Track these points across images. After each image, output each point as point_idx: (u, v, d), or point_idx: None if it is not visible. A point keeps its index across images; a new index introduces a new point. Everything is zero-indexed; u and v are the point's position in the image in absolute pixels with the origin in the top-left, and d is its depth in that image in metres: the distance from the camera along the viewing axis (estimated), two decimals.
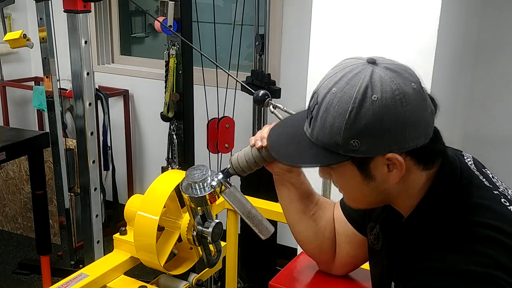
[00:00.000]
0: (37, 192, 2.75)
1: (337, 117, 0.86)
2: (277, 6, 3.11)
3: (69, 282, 1.30)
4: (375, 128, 0.85)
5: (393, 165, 0.89)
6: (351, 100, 0.85)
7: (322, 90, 0.89)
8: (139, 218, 1.34)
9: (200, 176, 1.14)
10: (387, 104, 0.84)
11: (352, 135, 0.85)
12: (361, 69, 0.87)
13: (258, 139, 1.10)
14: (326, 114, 0.87)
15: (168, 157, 2.79)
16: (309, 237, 1.24)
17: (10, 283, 3.15)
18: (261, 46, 2.76)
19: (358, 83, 0.85)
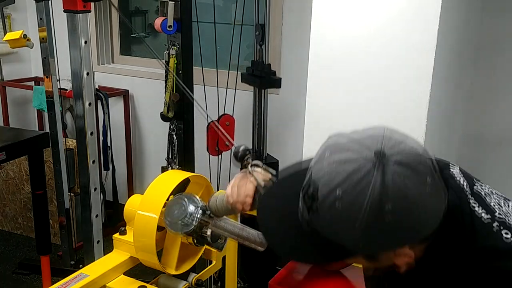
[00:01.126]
0: (37, 192, 2.75)
1: (344, 228, 0.77)
2: (277, 6, 3.11)
3: (69, 282, 1.30)
4: (387, 241, 0.79)
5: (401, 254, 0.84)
6: (361, 210, 0.75)
7: (323, 186, 0.78)
8: (138, 218, 1.34)
9: (179, 213, 1.17)
10: (402, 214, 0.76)
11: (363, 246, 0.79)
12: (369, 168, 0.76)
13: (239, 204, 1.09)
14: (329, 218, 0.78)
15: (168, 157, 2.79)
16: None
17: (10, 283, 3.15)
18: (261, 36, 2.74)
19: (368, 189, 0.75)
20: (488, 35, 2.64)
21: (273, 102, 2.89)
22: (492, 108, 2.72)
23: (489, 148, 2.74)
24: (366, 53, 1.87)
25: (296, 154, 2.30)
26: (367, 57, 1.86)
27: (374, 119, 1.83)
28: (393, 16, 1.85)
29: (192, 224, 1.17)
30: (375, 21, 1.88)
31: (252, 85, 2.77)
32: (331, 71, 1.99)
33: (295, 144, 2.88)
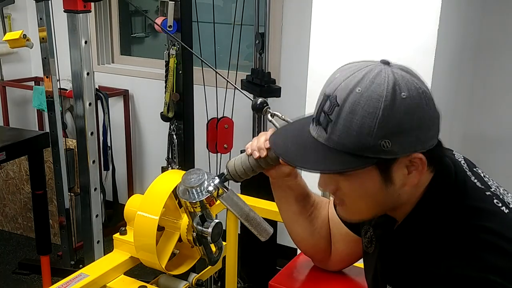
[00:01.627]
0: (37, 192, 2.75)
1: (366, 116, 0.81)
2: (277, 5, 3.11)
3: (69, 282, 1.30)
4: (406, 126, 0.82)
5: (414, 166, 0.87)
6: (381, 98, 0.81)
7: (341, 91, 0.84)
8: (139, 218, 1.34)
9: (196, 181, 1.14)
10: (415, 102, 0.83)
11: (384, 134, 0.82)
12: (381, 68, 0.85)
13: (256, 150, 1.08)
14: (352, 116, 0.82)
15: (168, 157, 2.79)
16: (306, 237, 1.24)
17: (10, 283, 3.15)
18: (261, 45, 2.75)
19: (385, 81, 0.82)
20: (488, 35, 2.64)
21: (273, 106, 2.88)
22: (492, 108, 2.72)
23: (489, 148, 2.74)
24: (366, 54, 1.87)
25: None
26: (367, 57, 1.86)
27: None
28: (393, 17, 1.85)
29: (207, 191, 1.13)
30: (375, 22, 1.88)
31: (252, 93, 2.78)
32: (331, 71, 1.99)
33: None
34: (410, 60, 1.79)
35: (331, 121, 0.85)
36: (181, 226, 1.40)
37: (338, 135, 0.84)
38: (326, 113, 0.86)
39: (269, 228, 1.16)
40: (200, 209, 1.28)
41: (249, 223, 1.14)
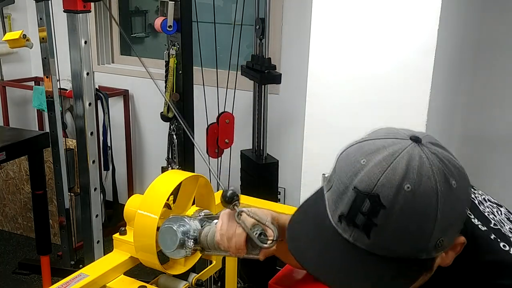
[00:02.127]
0: (37, 192, 2.75)
1: (424, 219, 0.71)
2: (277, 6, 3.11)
3: (68, 282, 1.30)
4: (455, 218, 0.74)
5: (453, 248, 0.79)
6: (436, 194, 0.71)
7: (385, 190, 0.70)
8: (138, 218, 1.34)
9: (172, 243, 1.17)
10: (464, 186, 0.75)
11: (441, 233, 0.72)
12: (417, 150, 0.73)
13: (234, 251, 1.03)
14: (406, 219, 0.70)
15: (168, 157, 2.79)
16: None
17: (10, 283, 3.15)
18: (261, 30, 2.73)
19: (432, 171, 0.71)
20: (488, 35, 2.64)
21: (273, 102, 2.89)
22: (492, 108, 2.72)
23: (490, 148, 2.74)
24: (366, 54, 1.87)
25: (296, 154, 2.30)
26: (367, 57, 1.86)
27: (374, 119, 1.83)
28: (393, 16, 1.85)
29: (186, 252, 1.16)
30: (375, 21, 1.88)
31: (252, 80, 2.76)
32: (331, 72, 1.99)
33: (295, 144, 2.89)
34: (410, 60, 1.80)
35: (375, 225, 0.71)
36: None
37: (386, 242, 0.72)
38: (366, 214, 0.72)
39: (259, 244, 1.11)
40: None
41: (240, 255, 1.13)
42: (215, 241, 1.09)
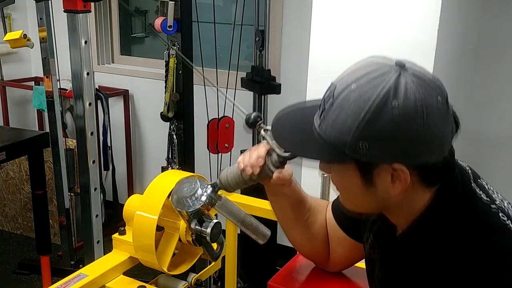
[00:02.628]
0: (37, 192, 2.75)
1: (350, 115, 0.81)
2: (277, 2, 3.11)
3: (68, 282, 1.30)
4: (388, 135, 0.80)
5: (397, 177, 0.84)
6: (369, 101, 0.79)
7: (340, 84, 0.84)
8: (138, 218, 1.34)
9: (189, 191, 1.15)
10: (407, 114, 0.79)
11: (363, 136, 0.80)
12: (387, 70, 0.82)
13: (248, 166, 1.08)
14: (339, 110, 0.82)
15: (168, 157, 2.79)
16: (303, 242, 1.25)
17: (10, 283, 3.15)
18: (261, 42, 2.75)
19: (381, 85, 0.80)
20: (488, 34, 2.64)
21: (273, 103, 2.89)
22: (492, 107, 2.72)
23: (489, 147, 2.74)
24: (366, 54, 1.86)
25: None
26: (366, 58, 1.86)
27: None
28: (392, 17, 1.85)
29: (200, 201, 1.14)
30: (375, 22, 1.88)
31: (252, 91, 2.78)
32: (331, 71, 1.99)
33: None
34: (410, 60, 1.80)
35: (324, 110, 0.86)
36: (180, 227, 1.40)
37: (325, 125, 0.85)
38: (324, 100, 0.87)
39: (266, 231, 1.16)
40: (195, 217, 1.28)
41: (246, 228, 1.15)
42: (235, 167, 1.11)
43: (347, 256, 1.24)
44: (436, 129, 0.81)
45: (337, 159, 0.86)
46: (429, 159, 0.83)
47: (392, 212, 0.95)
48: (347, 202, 0.98)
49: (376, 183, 0.86)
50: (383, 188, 0.86)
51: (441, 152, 0.84)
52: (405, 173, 0.83)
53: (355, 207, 0.97)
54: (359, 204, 0.95)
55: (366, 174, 0.86)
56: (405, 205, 0.90)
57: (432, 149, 0.83)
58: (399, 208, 0.91)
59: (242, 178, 1.11)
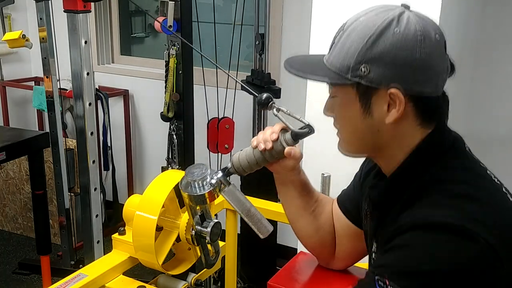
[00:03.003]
0: (37, 192, 2.75)
1: (356, 41, 0.90)
2: (277, 6, 3.11)
3: (68, 282, 1.30)
4: (388, 58, 0.88)
5: (393, 104, 0.91)
6: (374, 27, 0.89)
7: (350, 20, 0.94)
8: (137, 218, 1.34)
9: (199, 174, 1.14)
10: (406, 40, 0.88)
11: (365, 59, 0.89)
12: (393, 7, 0.92)
13: (261, 142, 1.11)
14: (346, 39, 0.92)
15: (168, 157, 2.79)
16: (310, 232, 1.25)
17: (10, 283, 3.15)
18: (261, 46, 2.76)
19: (386, 16, 0.89)
20: (488, 34, 2.64)
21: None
22: (492, 108, 2.72)
23: (489, 148, 2.74)
24: None
25: None
26: None
27: None
28: None
29: (210, 185, 1.13)
30: None
31: (252, 95, 2.78)
32: None
33: None
34: None
35: (334, 43, 0.95)
36: (179, 225, 1.40)
37: (333, 56, 0.94)
38: (334, 38, 0.96)
39: (269, 226, 1.16)
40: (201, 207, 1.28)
41: (250, 219, 1.15)
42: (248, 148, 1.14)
43: (352, 247, 1.24)
44: (432, 59, 0.90)
45: (339, 81, 0.93)
46: (423, 89, 0.91)
47: (383, 152, 0.98)
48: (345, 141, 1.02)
49: (373, 110, 0.93)
50: (378, 115, 0.93)
51: (436, 86, 0.92)
52: (400, 99, 0.90)
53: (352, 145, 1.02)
54: (356, 140, 1.00)
55: (365, 100, 0.93)
56: (396, 142, 0.96)
57: (427, 79, 0.90)
58: (390, 146, 0.96)
59: (254, 158, 1.12)
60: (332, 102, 1.01)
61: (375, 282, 0.86)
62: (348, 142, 1.02)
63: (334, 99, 0.99)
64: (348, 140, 1.02)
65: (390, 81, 0.89)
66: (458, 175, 0.92)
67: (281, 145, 1.11)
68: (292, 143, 1.11)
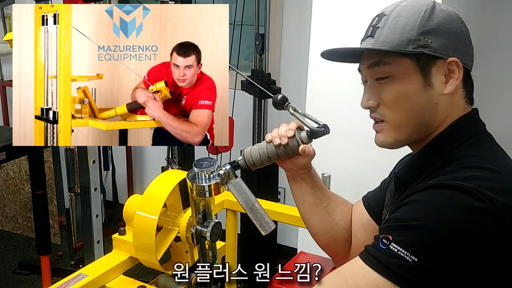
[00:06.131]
0: (37, 192, 2.75)
1: (411, 16, 0.95)
2: (277, 6, 3.11)
3: (68, 282, 1.30)
4: (445, 29, 0.95)
5: (451, 75, 0.96)
6: (424, 6, 0.95)
7: (389, 7, 0.99)
8: (138, 218, 1.34)
9: (208, 165, 1.15)
10: (452, 16, 0.97)
11: (426, 30, 0.94)
12: None
13: (277, 137, 1.12)
14: (397, 19, 0.96)
15: (168, 157, 2.79)
16: (324, 228, 1.23)
17: (10, 283, 3.15)
18: (261, 46, 2.76)
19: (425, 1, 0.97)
20: (488, 35, 2.64)
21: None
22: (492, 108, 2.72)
23: None
24: None
25: None
26: None
27: None
28: None
29: (218, 176, 1.14)
30: None
31: (252, 94, 2.78)
32: (331, 72, 1.99)
33: None
34: None
35: (378, 28, 0.98)
36: (180, 224, 1.40)
37: (384, 36, 0.96)
38: (374, 26, 0.99)
39: (271, 223, 1.16)
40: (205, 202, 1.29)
41: (253, 214, 1.14)
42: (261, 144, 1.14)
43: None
44: (469, 36, 1.00)
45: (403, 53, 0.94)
46: (470, 62, 1.00)
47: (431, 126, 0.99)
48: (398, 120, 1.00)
49: (434, 82, 0.96)
50: (438, 88, 0.96)
51: (472, 63, 1.01)
52: (460, 67, 0.96)
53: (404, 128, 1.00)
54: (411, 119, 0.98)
55: (426, 72, 0.95)
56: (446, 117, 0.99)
57: (471, 54, 1.00)
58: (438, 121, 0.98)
59: (267, 152, 1.13)
60: (379, 87, 1.00)
61: (379, 240, 0.86)
62: (400, 126, 1.00)
63: (385, 81, 0.98)
64: (401, 123, 1.00)
65: (451, 52, 0.95)
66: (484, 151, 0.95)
67: (296, 142, 1.11)
68: (307, 141, 1.12)
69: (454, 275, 0.82)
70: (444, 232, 0.81)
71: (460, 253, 0.81)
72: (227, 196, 1.75)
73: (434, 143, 0.99)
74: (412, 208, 0.86)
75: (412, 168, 1.02)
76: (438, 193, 0.85)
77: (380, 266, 0.84)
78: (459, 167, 0.90)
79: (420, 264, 0.81)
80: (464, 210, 0.82)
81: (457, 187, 0.84)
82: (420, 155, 1.01)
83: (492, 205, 0.82)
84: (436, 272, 0.82)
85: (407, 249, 0.82)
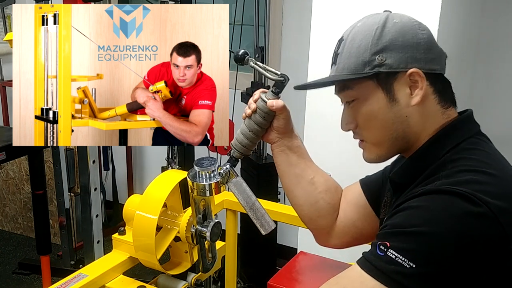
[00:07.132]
0: (37, 192, 2.75)
1: (363, 38, 0.97)
2: (277, 6, 3.11)
3: (68, 282, 1.30)
4: (398, 42, 0.95)
5: (415, 85, 0.95)
6: (375, 24, 0.97)
7: (347, 31, 1.01)
8: (138, 218, 1.34)
9: (208, 165, 1.15)
10: (406, 25, 0.97)
11: (378, 49, 0.95)
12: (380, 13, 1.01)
13: (251, 103, 1.14)
14: (352, 43, 0.98)
15: (168, 157, 2.79)
16: (309, 200, 1.20)
17: (10, 283, 3.15)
18: (261, 58, 2.76)
19: (380, 15, 0.99)
20: (488, 35, 2.64)
21: None
22: (492, 108, 2.72)
23: None
24: None
25: None
26: None
27: None
28: None
29: (218, 175, 1.15)
30: None
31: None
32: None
33: None
34: None
35: (338, 54, 1.00)
36: (180, 224, 1.40)
37: (342, 62, 0.99)
38: (336, 52, 1.02)
39: (271, 222, 1.16)
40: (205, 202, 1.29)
41: (254, 213, 1.14)
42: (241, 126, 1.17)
43: (358, 226, 1.21)
44: (432, 40, 0.98)
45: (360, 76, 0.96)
46: (434, 66, 0.98)
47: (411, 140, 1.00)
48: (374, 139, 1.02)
49: (398, 95, 0.97)
50: (404, 100, 0.97)
51: (441, 64, 1.00)
52: (421, 76, 0.95)
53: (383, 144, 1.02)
54: (386, 136, 1.00)
55: (388, 88, 0.97)
56: (422, 125, 0.98)
57: (435, 57, 0.98)
58: (418, 131, 0.99)
59: (247, 129, 1.14)
60: (351, 110, 1.02)
61: (377, 247, 0.86)
62: (378, 144, 1.02)
63: (353, 104, 1.01)
64: (378, 141, 1.01)
65: (406, 63, 0.95)
66: (479, 153, 0.94)
67: (262, 101, 1.12)
68: (272, 96, 1.12)
69: (452, 280, 0.82)
70: (442, 238, 0.82)
71: (457, 258, 0.81)
72: (227, 196, 1.75)
73: (423, 150, 0.99)
74: (408, 214, 0.87)
75: (406, 172, 1.02)
76: (435, 199, 0.85)
77: (378, 272, 0.85)
78: (454, 171, 0.90)
79: (418, 270, 0.81)
80: (461, 215, 0.82)
81: (453, 192, 0.84)
82: (412, 159, 1.01)
83: (488, 209, 0.82)
84: (434, 278, 0.82)
85: (404, 255, 0.82)
